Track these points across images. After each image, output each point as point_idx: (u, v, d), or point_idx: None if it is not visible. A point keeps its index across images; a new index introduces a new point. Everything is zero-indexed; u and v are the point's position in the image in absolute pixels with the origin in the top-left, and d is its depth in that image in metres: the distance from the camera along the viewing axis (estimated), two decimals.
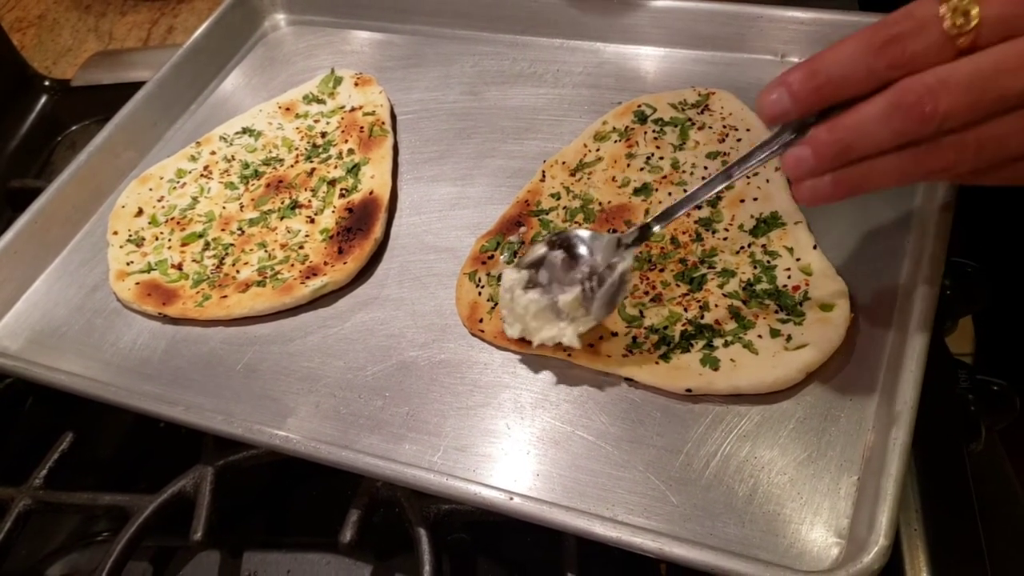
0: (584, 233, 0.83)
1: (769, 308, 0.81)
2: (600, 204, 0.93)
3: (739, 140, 0.95)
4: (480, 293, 0.89)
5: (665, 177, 0.94)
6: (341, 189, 1.01)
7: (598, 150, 0.99)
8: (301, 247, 0.96)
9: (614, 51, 1.12)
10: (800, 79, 0.63)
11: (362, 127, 1.08)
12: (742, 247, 0.86)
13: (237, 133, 1.12)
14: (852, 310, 0.79)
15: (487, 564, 0.83)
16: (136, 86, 1.16)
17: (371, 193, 0.99)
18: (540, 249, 0.83)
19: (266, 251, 0.97)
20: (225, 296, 0.93)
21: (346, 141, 1.07)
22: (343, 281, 0.93)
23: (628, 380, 0.80)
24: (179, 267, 0.98)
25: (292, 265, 0.94)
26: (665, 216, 0.79)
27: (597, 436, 0.78)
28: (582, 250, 0.82)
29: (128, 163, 1.13)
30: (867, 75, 0.61)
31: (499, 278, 0.90)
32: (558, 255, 0.82)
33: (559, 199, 0.95)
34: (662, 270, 0.86)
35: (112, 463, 0.99)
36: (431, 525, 0.77)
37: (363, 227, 0.96)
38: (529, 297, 0.81)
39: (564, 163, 0.98)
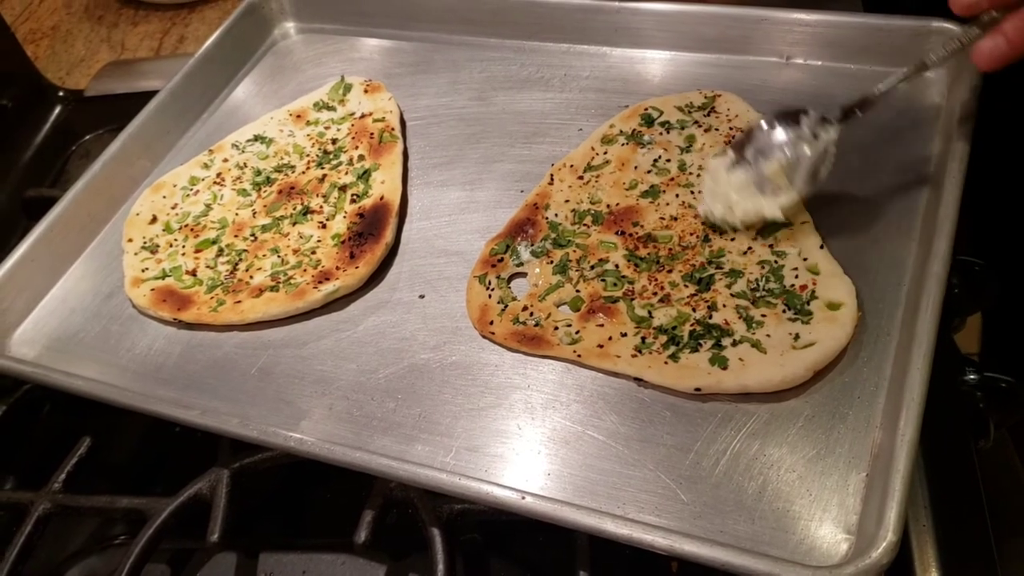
0: (786, 112, 0.86)
1: (777, 307, 0.82)
2: (608, 206, 0.94)
3: None
4: (490, 296, 0.90)
5: (672, 179, 0.95)
6: (352, 195, 1.02)
7: (606, 153, 1.00)
8: (313, 252, 0.97)
9: (620, 55, 1.13)
10: None
11: (372, 133, 1.09)
12: (749, 247, 0.87)
13: (249, 140, 1.13)
14: (859, 308, 0.80)
15: (500, 563, 0.84)
16: (148, 95, 1.18)
17: (382, 198, 1.00)
18: (749, 130, 0.86)
19: (279, 256, 0.98)
20: (239, 301, 0.94)
21: (356, 147, 1.08)
22: (355, 285, 0.94)
23: (638, 380, 0.81)
24: (193, 273, 0.99)
25: (305, 270, 0.95)
26: (867, 104, 0.83)
27: (607, 435, 0.79)
28: (787, 124, 0.85)
29: (142, 171, 1.14)
30: None
31: (509, 280, 0.91)
32: (766, 129, 0.85)
33: (568, 202, 0.96)
34: (670, 271, 0.87)
35: (129, 467, 1.00)
36: (444, 525, 0.78)
37: (374, 232, 0.97)
38: (734, 175, 0.85)
39: (572, 166, 0.99)
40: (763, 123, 0.86)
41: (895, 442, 0.69)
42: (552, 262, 0.91)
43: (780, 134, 0.85)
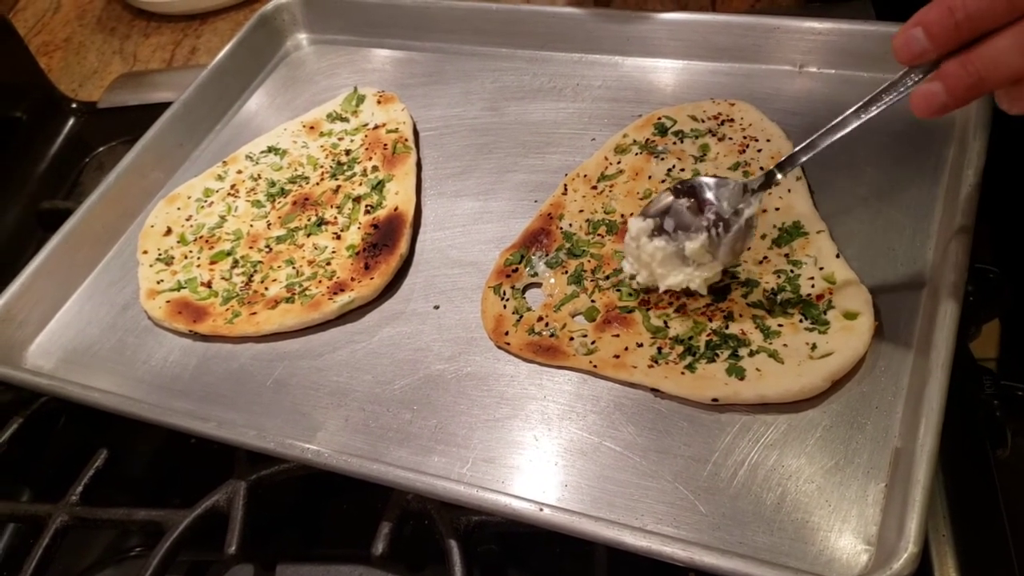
0: (709, 180, 0.84)
1: (793, 317, 0.82)
2: (623, 216, 0.94)
3: (759, 151, 0.96)
4: (505, 306, 0.90)
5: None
6: (366, 206, 1.02)
7: (619, 163, 1.00)
8: (328, 263, 0.97)
9: (632, 64, 1.13)
10: (937, 18, 0.64)
11: (385, 144, 1.09)
12: (765, 257, 0.87)
13: (263, 152, 1.14)
14: (876, 318, 0.79)
15: (517, 575, 0.84)
16: (161, 107, 1.19)
17: (396, 209, 1.00)
18: (666, 197, 0.84)
19: (294, 268, 0.98)
20: (254, 313, 0.95)
21: (370, 158, 1.08)
22: (370, 296, 0.94)
23: (654, 390, 0.81)
24: (208, 285, 0.99)
25: (320, 281, 0.96)
26: (788, 163, 0.80)
27: (624, 447, 0.79)
28: (708, 196, 0.83)
29: (156, 183, 1.15)
30: (1009, 10, 0.61)
31: (524, 290, 0.91)
32: (684, 203, 0.83)
33: (582, 212, 0.96)
34: None
35: (145, 479, 1.00)
36: (462, 537, 0.78)
37: (389, 243, 0.97)
38: (655, 244, 0.83)
39: (586, 176, 0.99)
40: (681, 195, 0.84)
41: (914, 452, 0.68)
42: (567, 272, 0.91)
43: (700, 207, 0.83)
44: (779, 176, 0.81)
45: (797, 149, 0.79)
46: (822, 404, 0.77)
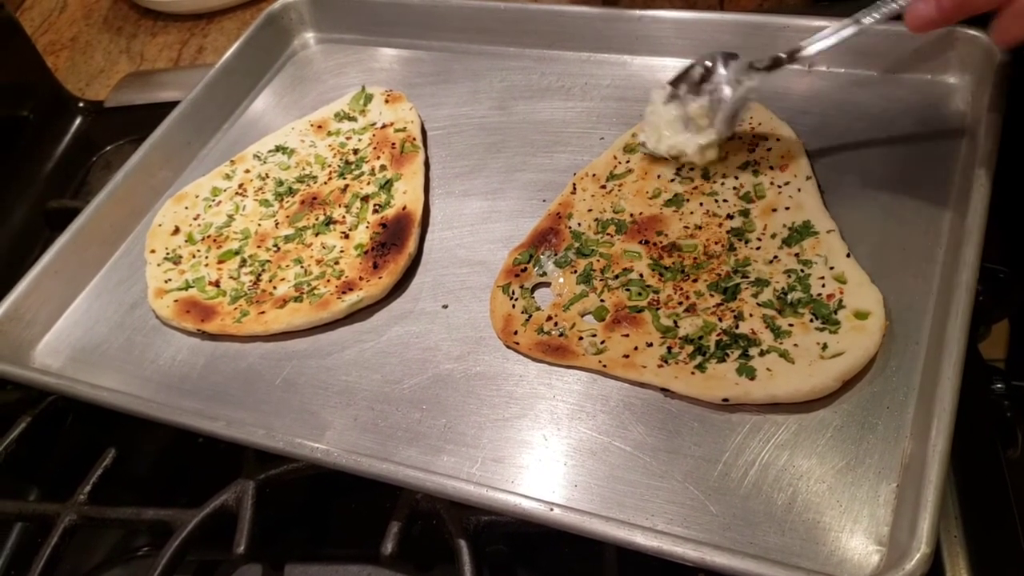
0: (725, 54, 0.90)
1: (804, 317, 0.81)
2: (632, 215, 0.94)
3: (769, 149, 0.96)
4: (514, 306, 0.90)
5: (696, 187, 0.94)
6: (374, 205, 1.02)
7: (628, 162, 0.99)
8: (336, 262, 0.97)
9: (641, 63, 1.13)
10: None
11: (393, 143, 1.09)
12: (775, 256, 0.87)
13: (270, 151, 1.13)
14: (887, 317, 0.79)
15: (527, 575, 0.83)
16: (168, 106, 1.18)
17: (404, 208, 1.00)
18: (687, 65, 0.91)
19: (302, 267, 0.98)
20: (263, 312, 0.94)
21: (378, 157, 1.08)
22: (378, 295, 0.94)
23: (664, 390, 0.81)
24: (216, 284, 0.99)
25: (328, 280, 0.95)
26: (794, 53, 0.87)
27: (634, 446, 0.78)
28: (719, 68, 0.89)
29: (163, 182, 1.15)
30: None
31: (533, 290, 0.91)
32: (698, 70, 0.90)
33: (591, 211, 0.96)
34: (695, 280, 0.87)
35: (153, 478, 1.01)
36: (471, 536, 0.78)
37: (397, 242, 0.97)
38: (668, 108, 0.91)
39: (594, 175, 0.99)
40: (699, 65, 0.91)
41: (926, 452, 0.68)
42: (576, 272, 0.91)
43: (709, 75, 0.90)
44: (781, 66, 0.88)
45: (806, 42, 0.88)
46: (833, 404, 0.77)
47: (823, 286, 0.83)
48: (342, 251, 0.99)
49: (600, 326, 0.86)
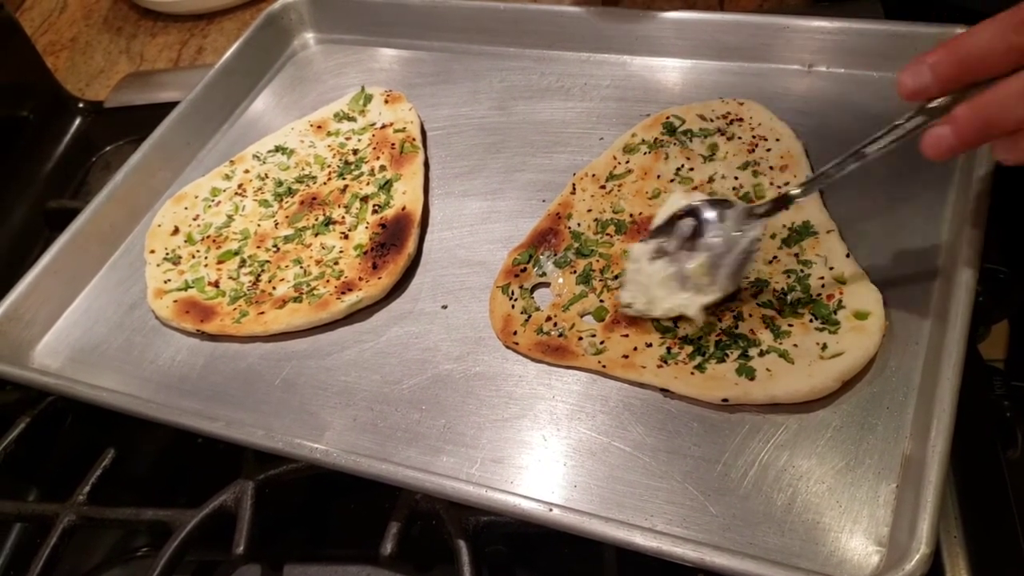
0: (715, 201, 0.83)
1: (804, 317, 0.81)
2: (631, 216, 0.94)
3: (768, 150, 0.96)
4: (513, 306, 0.90)
5: (696, 188, 0.94)
6: (374, 205, 1.02)
7: (628, 162, 0.99)
8: (336, 263, 0.97)
9: (641, 63, 1.12)
10: (941, 57, 0.67)
11: (393, 144, 1.09)
12: (775, 256, 0.86)
13: (270, 151, 1.13)
14: (887, 318, 0.79)
15: None
16: (168, 106, 1.18)
17: (403, 209, 1.00)
18: (670, 220, 0.83)
19: (301, 267, 0.98)
20: (262, 312, 0.94)
21: (378, 158, 1.08)
22: (378, 296, 0.94)
23: (664, 391, 0.81)
24: (216, 284, 0.99)
25: (327, 281, 0.95)
26: (802, 192, 0.79)
27: (634, 447, 0.78)
28: (711, 217, 0.82)
29: (163, 182, 1.15)
30: (1006, 51, 0.64)
31: (532, 290, 0.91)
32: (688, 223, 0.83)
33: (590, 211, 0.96)
34: None
35: (152, 479, 1.00)
36: (470, 537, 0.78)
37: (396, 242, 0.97)
38: (655, 266, 0.82)
39: (594, 176, 0.99)
40: (687, 213, 0.83)
41: (926, 453, 0.68)
42: (575, 272, 0.91)
43: (702, 227, 0.83)
44: (787, 208, 0.80)
45: (804, 183, 0.80)
46: (833, 404, 0.77)
47: (823, 286, 0.83)
48: (341, 251, 0.99)
49: (599, 326, 0.86)
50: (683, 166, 0.97)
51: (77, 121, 1.40)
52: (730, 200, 0.84)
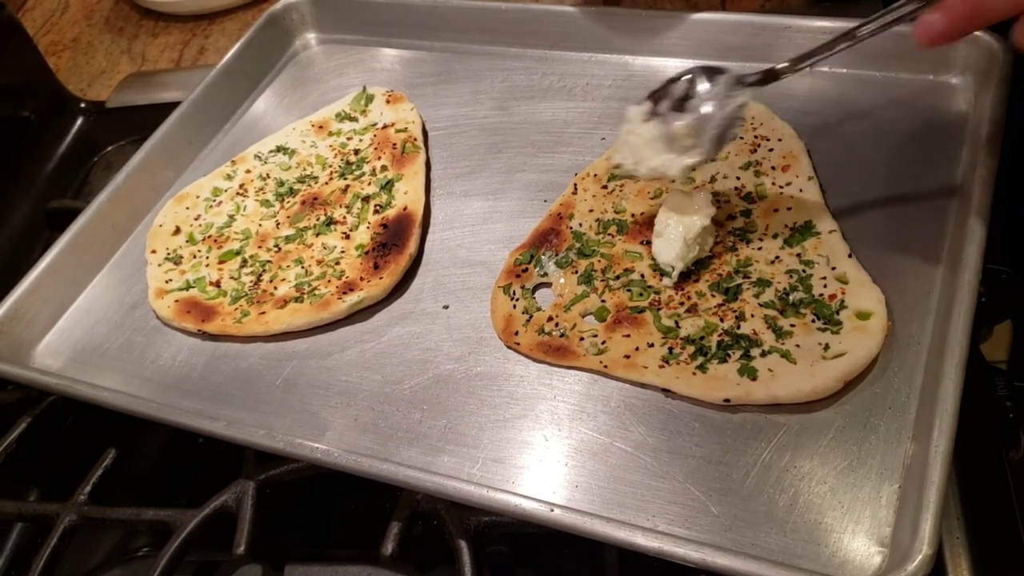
0: (709, 67, 0.83)
1: (806, 317, 0.81)
2: (633, 216, 0.94)
3: (771, 150, 0.95)
4: (515, 306, 0.90)
5: (698, 188, 0.94)
6: (375, 205, 1.02)
7: None
8: (337, 263, 0.97)
9: (642, 63, 1.12)
10: None
11: (395, 144, 1.09)
12: (777, 257, 0.86)
13: (271, 151, 1.13)
14: (889, 318, 0.79)
15: None
16: (169, 107, 1.18)
17: (405, 209, 1.00)
18: (665, 82, 0.84)
19: (303, 267, 0.98)
20: (263, 312, 0.94)
21: (379, 158, 1.08)
22: (379, 296, 0.94)
23: (665, 391, 0.80)
24: (217, 284, 0.99)
25: (329, 281, 0.95)
26: (792, 66, 0.80)
27: (635, 447, 0.78)
28: (703, 83, 0.82)
29: (164, 182, 1.14)
30: None
31: (534, 290, 0.91)
32: (681, 86, 0.83)
33: (592, 211, 0.96)
34: (696, 280, 0.87)
35: (153, 479, 1.00)
36: (471, 537, 0.78)
37: (398, 242, 0.97)
38: (646, 127, 0.83)
39: (596, 176, 0.99)
40: (679, 80, 0.84)
41: (928, 453, 0.68)
42: (577, 272, 0.91)
43: (695, 90, 0.83)
44: (777, 79, 0.81)
45: (795, 57, 0.81)
46: (835, 405, 0.76)
47: (825, 286, 0.83)
48: (343, 251, 0.99)
49: (601, 326, 0.86)
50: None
51: (79, 121, 1.40)
52: (723, 68, 0.84)
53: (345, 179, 1.07)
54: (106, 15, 1.68)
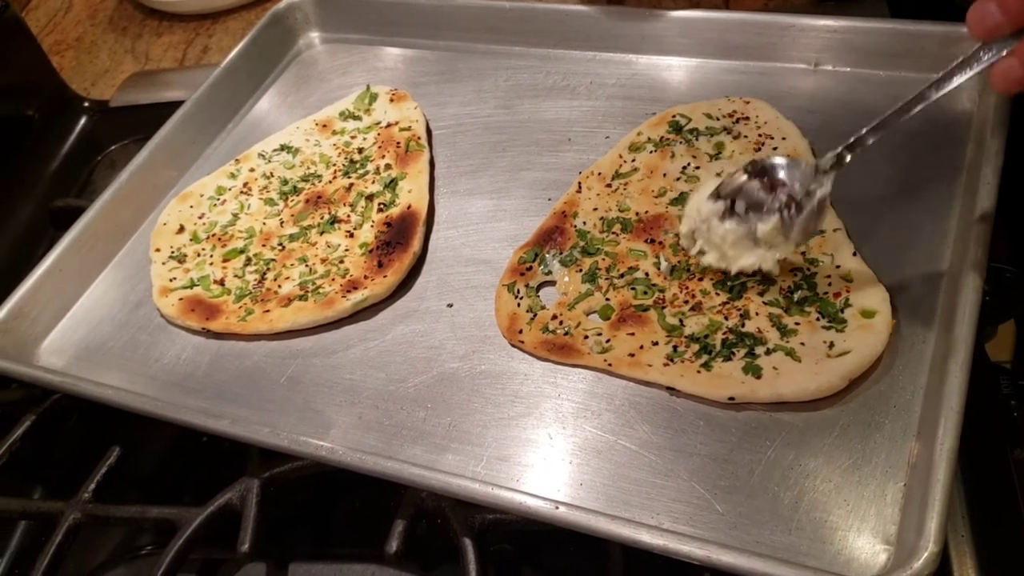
0: (781, 160, 0.83)
1: (810, 315, 0.81)
2: (637, 214, 0.94)
3: (775, 149, 0.95)
4: (519, 304, 0.90)
5: None
6: (379, 204, 1.02)
7: (633, 161, 0.99)
8: (341, 261, 0.97)
9: (647, 62, 1.12)
10: None
11: (398, 142, 1.09)
12: None
13: (275, 150, 1.13)
14: (894, 316, 0.79)
15: (531, 574, 0.83)
16: (173, 106, 1.19)
17: (409, 207, 1.00)
18: (739, 178, 0.83)
19: (307, 266, 0.98)
20: (268, 311, 0.94)
21: (383, 156, 1.08)
22: (383, 294, 0.94)
23: (670, 389, 0.80)
24: (221, 283, 0.99)
25: (333, 279, 0.95)
26: (858, 143, 0.79)
27: (640, 445, 0.78)
28: (780, 176, 0.82)
29: (168, 181, 1.15)
30: None
31: (538, 289, 0.91)
32: (756, 183, 0.83)
33: (596, 210, 0.96)
34: (701, 279, 0.87)
35: (157, 477, 1.00)
36: (476, 535, 0.78)
37: (402, 241, 0.97)
38: (727, 227, 0.83)
39: (600, 174, 0.99)
40: (753, 175, 0.83)
41: (933, 451, 0.68)
42: (581, 270, 0.91)
43: (772, 190, 0.82)
44: (848, 157, 0.80)
45: (868, 128, 0.79)
46: (839, 403, 0.76)
47: (829, 285, 0.83)
48: (347, 250, 0.99)
49: (605, 325, 0.86)
50: (689, 164, 0.97)
51: (82, 120, 1.40)
52: (797, 159, 0.84)
53: (349, 178, 1.07)
54: (110, 14, 1.68)
